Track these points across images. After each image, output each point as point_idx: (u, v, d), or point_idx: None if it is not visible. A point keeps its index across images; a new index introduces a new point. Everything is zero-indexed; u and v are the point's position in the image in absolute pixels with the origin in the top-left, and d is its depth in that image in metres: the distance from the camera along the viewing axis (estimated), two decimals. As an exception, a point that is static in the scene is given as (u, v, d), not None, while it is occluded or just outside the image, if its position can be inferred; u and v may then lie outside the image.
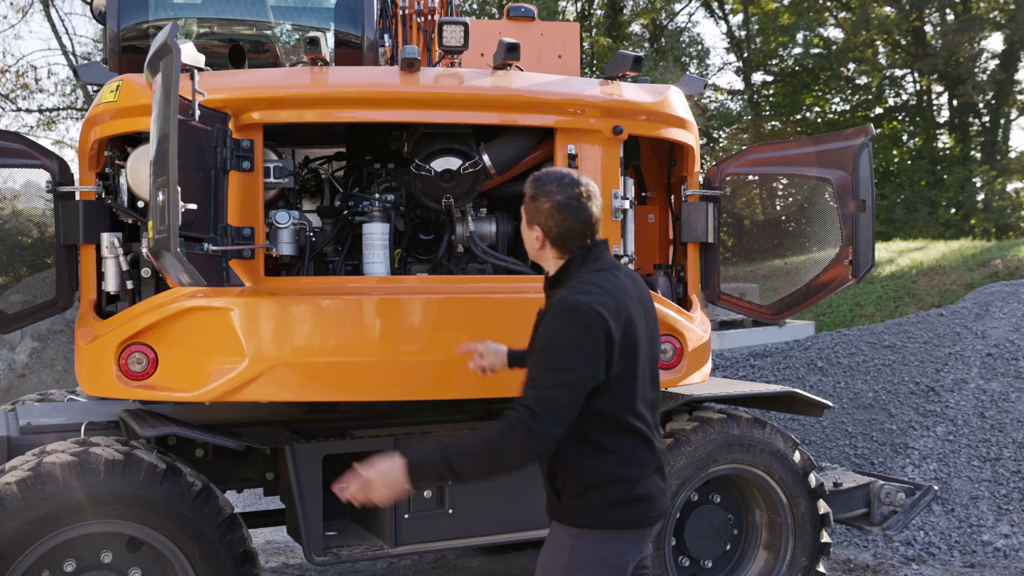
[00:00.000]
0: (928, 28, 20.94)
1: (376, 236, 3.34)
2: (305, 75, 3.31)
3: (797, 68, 22.68)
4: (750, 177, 4.52)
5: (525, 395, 2.17)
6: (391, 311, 3.25)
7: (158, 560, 3.12)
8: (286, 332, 3.16)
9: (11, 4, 18.22)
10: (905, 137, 22.51)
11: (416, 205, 3.54)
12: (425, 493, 3.44)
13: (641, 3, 22.03)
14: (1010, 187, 20.79)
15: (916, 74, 21.59)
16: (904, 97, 22.67)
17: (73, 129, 21.08)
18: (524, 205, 2.36)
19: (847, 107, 23.06)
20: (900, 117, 22.60)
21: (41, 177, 3.44)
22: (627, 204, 3.56)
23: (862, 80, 22.01)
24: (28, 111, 19.21)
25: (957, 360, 6.68)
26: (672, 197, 4.19)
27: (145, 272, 3.29)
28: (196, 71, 2.88)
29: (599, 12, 21.58)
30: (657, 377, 2.38)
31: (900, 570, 4.95)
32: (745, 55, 23.30)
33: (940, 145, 21.83)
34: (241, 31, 4.14)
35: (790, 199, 4.92)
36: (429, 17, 4.51)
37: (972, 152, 20.94)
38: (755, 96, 23.37)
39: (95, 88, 3.60)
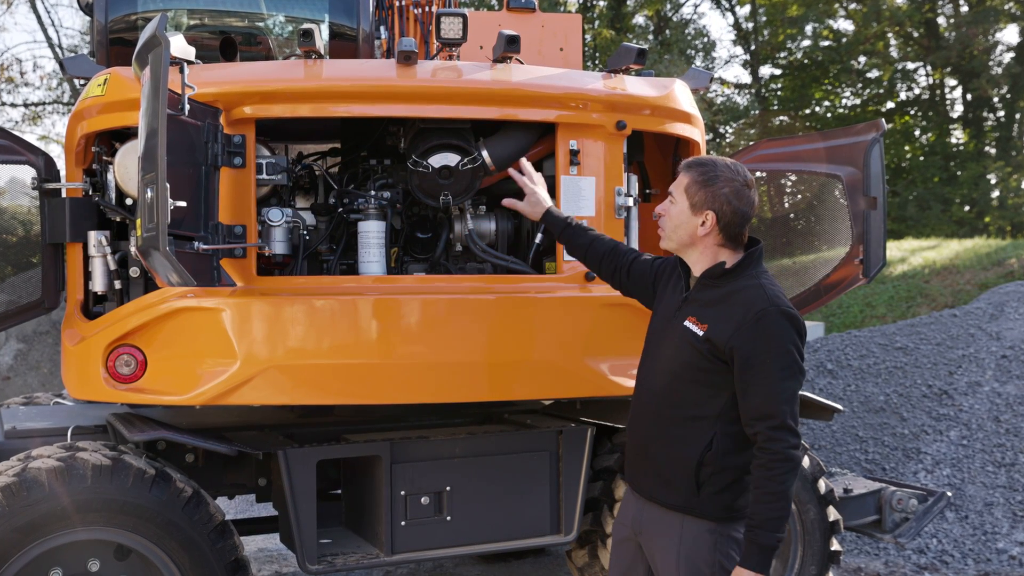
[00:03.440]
0: (941, 20, 20.74)
1: (372, 234, 3.27)
2: (299, 68, 3.24)
3: (806, 61, 22.50)
4: (758, 173, 4.45)
5: (773, 409, 2.20)
6: (387, 312, 3.18)
7: (147, 568, 3.07)
8: (279, 333, 3.09)
9: (-6, -4, 18.19)
10: (917, 132, 22.29)
11: (413, 202, 3.47)
12: (423, 499, 3.36)
13: (645, -6, 21.87)
14: (1025, 183, 20.58)
15: (929, 67, 21.37)
16: (916, 91, 22.47)
17: (59, 124, 21.11)
18: (687, 189, 2.33)
19: (857, 101, 22.87)
20: (912, 112, 22.40)
21: (26, 174, 3.40)
22: (631, 201, 3.50)
23: (873, 73, 21.81)
24: (13, 105, 19.23)
25: (971, 362, 6.58)
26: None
27: (134, 271, 3.23)
28: (186, 64, 2.82)
29: (602, 3, 21.41)
30: None
31: (912, 577, 4.85)
32: (752, 48, 23.12)
33: (953, 140, 21.63)
34: (233, 23, 4.10)
35: (799, 196, 4.83)
36: (426, 8, 4.44)
37: (987, 148, 20.73)
38: (763, 90, 23.19)
39: (82, 82, 3.54)
